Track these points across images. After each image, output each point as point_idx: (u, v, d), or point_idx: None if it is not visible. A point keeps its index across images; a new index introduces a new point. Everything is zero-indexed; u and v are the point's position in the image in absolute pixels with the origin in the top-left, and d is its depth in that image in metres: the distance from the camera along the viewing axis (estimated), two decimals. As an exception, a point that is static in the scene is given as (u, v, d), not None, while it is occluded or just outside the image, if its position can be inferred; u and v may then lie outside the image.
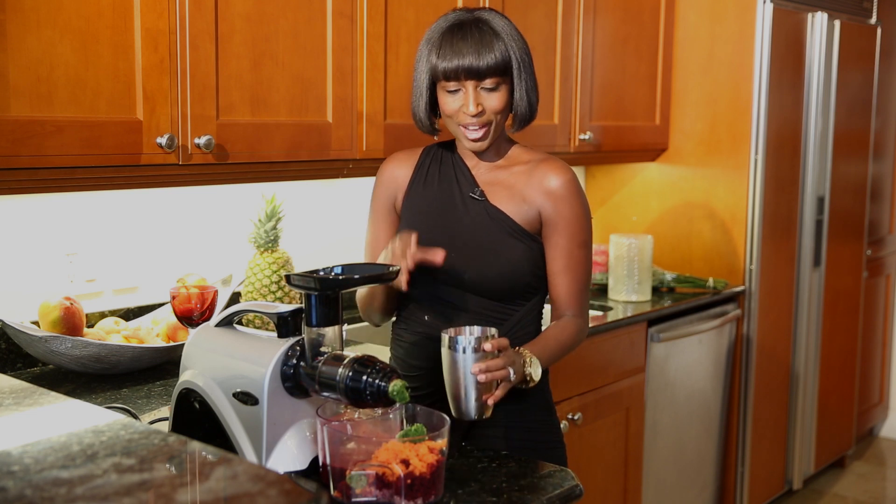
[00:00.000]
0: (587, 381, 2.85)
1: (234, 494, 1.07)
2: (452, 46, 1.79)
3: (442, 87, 1.83)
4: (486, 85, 1.80)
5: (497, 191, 1.89)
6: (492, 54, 1.78)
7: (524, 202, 1.88)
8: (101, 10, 1.92)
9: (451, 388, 1.64)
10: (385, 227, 1.98)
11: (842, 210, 4.03)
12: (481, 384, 1.62)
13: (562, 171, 1.88)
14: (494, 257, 1.85)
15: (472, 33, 1.80)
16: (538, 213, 1.88)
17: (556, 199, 1.87)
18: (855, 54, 3.98)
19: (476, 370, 1.61)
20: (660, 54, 3.56)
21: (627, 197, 3.79)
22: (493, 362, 1.62)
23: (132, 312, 2.40)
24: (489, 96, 1.81)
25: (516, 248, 1.86)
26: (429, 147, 1.99)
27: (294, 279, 1.47)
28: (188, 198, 2.52)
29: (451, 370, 1.63)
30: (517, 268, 1.86)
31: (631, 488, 3.09)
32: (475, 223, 1.88)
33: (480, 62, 1.78)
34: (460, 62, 1.78)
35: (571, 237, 1.88)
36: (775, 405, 3.76)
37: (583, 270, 1.90)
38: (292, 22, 2.26)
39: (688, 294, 3.36)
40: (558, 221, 1.87)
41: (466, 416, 1.64)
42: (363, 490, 1.35)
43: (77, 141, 1.90)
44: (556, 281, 1.89)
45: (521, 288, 1.88)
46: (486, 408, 1.64)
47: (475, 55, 1.78)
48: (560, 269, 1.88)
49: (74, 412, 1.36)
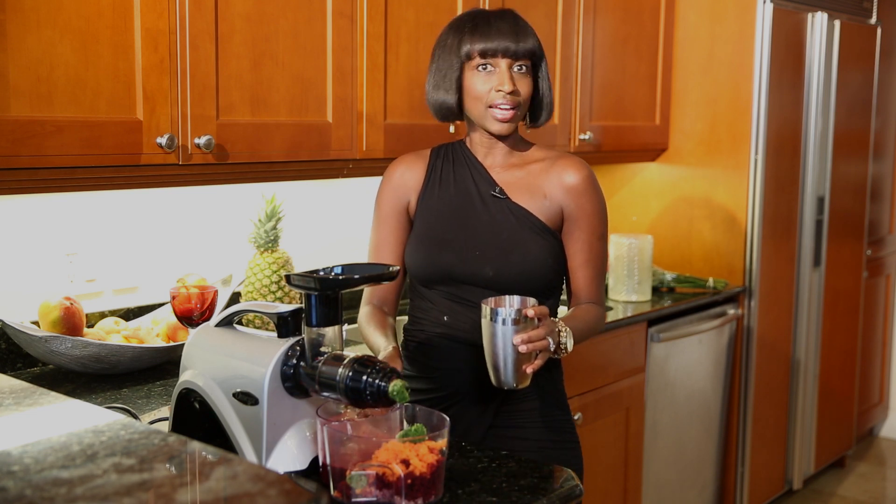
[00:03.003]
0: (587, 381, 2.85)
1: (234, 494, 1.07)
2: (490, 26, 1.83)
3: (472, 67, 1.84)
4: (519, 66, 1.83)
5: (517, 188, 1.90)
6: (528, 39, 1.84)
7: (545, 198, 1.89)
8: (101, 10, 1.92)
9: (491, 359, 1.66)
10: (392, 231, 1.96)
11: (842, 210, 4.03)
12: (522, 354, 1.63)
13: (580, 166, 1.91)
14: (517, 254, 1.86)
15: (506, 18, 1.85)
16: (560, 209, 1.90)
17: (577, 194, 1.89)
18: (855, 54, 3.98)
19: (518, 340, 1.62)
20: (660, 54, 3.56)
21: (627, 197, 3.79)
22: (535, 333, 1.63)
23: (132, 312, 2.40)
24: (521, 79, 1.84)
25: (539, 244, 1.87)
26: (437, 148, 1.99)
27: (294, 279, 1.47)
28: (188, 198, 2.52)
29: (491, 341, 1.65)
30: (540, 264, 1.86)
31: (631, 488, 3.09)
32: (496, 221, 1.88)
33: (518, 42, 1.82)
34: (500, 40, 1.82)
35: (592, 230, 1.90)
36: (775, 405, 3.76)
37: (601, 262, 1.94)
38: (292, 22, 2.26)
39: (688, 294, 3.36)
40: (580, 216, 1.89)
41: (506, 385, 1.67)
42: (363, 490, 1.35)
43: (77, 141, 1.90)
44: (577, 274, 1.92)
45: (542, 285, 1.88)
46: (525, 377, 1.66)
47: (514, 35, 1.82)
48: (582, 263, 1.91)
49: (74, 412, 1.36)
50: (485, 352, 1.67)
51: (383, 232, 1.97)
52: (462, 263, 1.86)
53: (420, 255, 1.90)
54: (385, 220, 1.97)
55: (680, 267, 3.64)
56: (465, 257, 1.86)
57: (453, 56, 1.85)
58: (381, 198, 1.99)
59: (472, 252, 1.86)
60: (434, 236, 1.90)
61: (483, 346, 1.68)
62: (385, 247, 1.97)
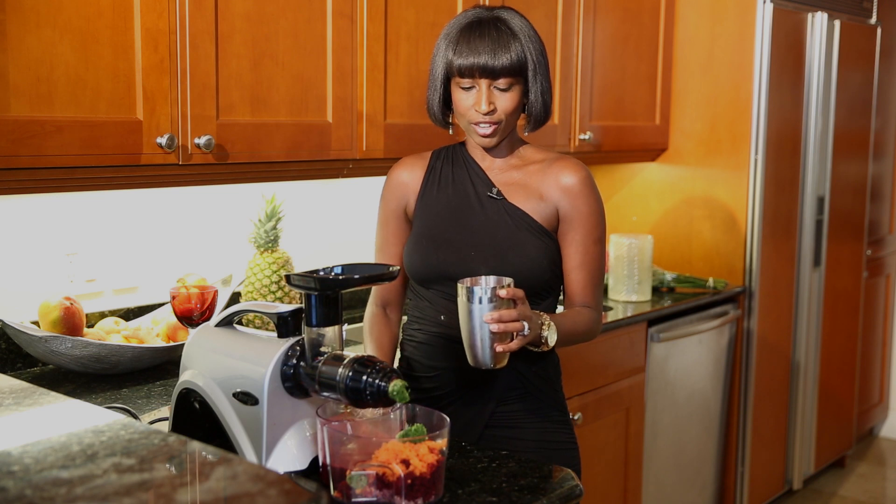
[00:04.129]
0: (587, 381, 2.85)
1: (234, 494, 1.07)
2: (469, 44, 1.81)
3: (456, 83, 1.84)
4: (499, 85, 1.81)
5: (514, 189, 1.91)
6: (507, 55, 1.80)
7: (541, 199, 1.89)
8: (101, 10, 1.92)
9: (468, 338, 1.66)
10: (393, 232, 1.99)
11: (842, 210, 4.03)
12: (495, 334, 1.63)
13: (577, 168, 1.91)
14: (514, 255, 1.86)
15: (489, 32, 1.81)
16: (556, 210, 1.89)
17: (573, 195, 1.89)
18: (855, 54, 3.98)
19: (489, 318, 1.62)
20: (660, 54, 3.56)
21: (627, 197, 3.79)
22: (507, 313, 1.63)
23: (132, 312, 2.40)
24: (501, 96, 1.83)
25: (535, 244, 1.87)
26: (438, 150, 2.00)
27: (294, 279, 1.47)
28: (188, 198, 2.52)
29: (467, 320, 1.65)
30: (536, 264, 1.87)
31: (631, 488, 3.09)
32: (493, 222, 1.88)
33: (496, 62, 1.79)
34: (476, 60, 1.79)
35: (588, 233, 1.90)
36: (775, 405, 3.76)
37: (597, 266, 1.93)
38: (292, 22, 2.26)
39: (688, 294, 3.36)
40: (575, 218, 1.89)
41: (483, 364, 1.67)
42: (363, 490, 1.35)
43: (77, 141, 1.90)
44: (571, 276, 1.91)
45: (539, 285, 1.88)
46: (501, 357, 1.66)
47: (491, 54, 1.79)
48: (576, 265, 1.90)
49: (74, 412, 1.36)
50: (461, 332, 1.68)
51: (385, 233, 2.00)
52: (458, 264, 1.87)
53: (417, 255, 1.91)
54: (386, 221, 1.99)
55: (680, 267, 3.64)
56: (461, 258, 1.87)
57: (441, 69, 1.87)
58: (383, 200, 2.01)
59: (469, 252, 1.87)
60: (431, 236, 1.91)
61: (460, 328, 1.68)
62: (387, 248, 1.99)
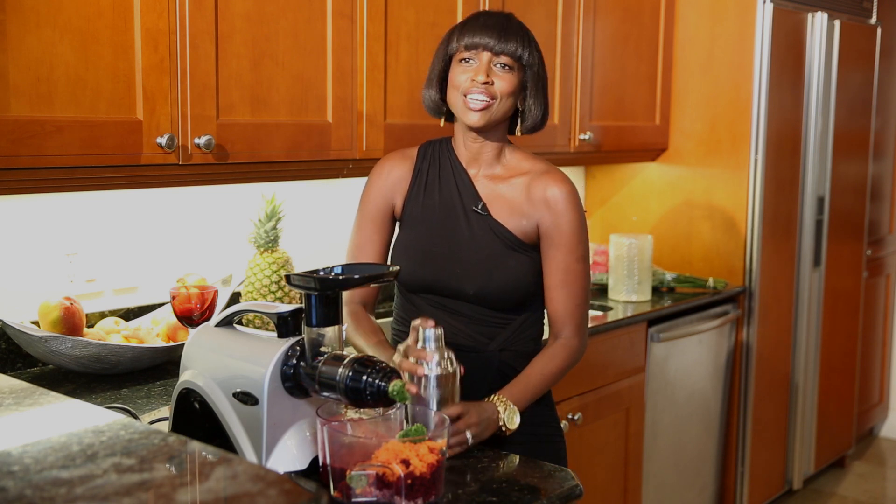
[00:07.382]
0: (587, 381, 2.85)
1: (234, 494, 1.07)
2: (478, 22, 1.85)
3: (457, 60, 1.85)
4: (500, 61, 1.83)
5: (499, 205, 1.89)
6: (514, 39, 1.83)
7: (523, 217, 1.88)
8: (101, 10, 1.92)
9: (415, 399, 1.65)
10: (377, 231, 1.96)
11: (842, 210, 4.03)
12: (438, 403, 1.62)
13: (562, 183, 1.88)
14: (497, 271, 1.85)
15: (499, 19, 1.86)
16: (536, 226, 1.87)
17: (555, 212, 1.86)
18: (855, 54, 3.98)
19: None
20: (660, 54, 3.56)
21: (627, 197, 3.79)
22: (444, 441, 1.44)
23: (132, 312, 2.40)
24: (501, 74, 1.83)
25: (519, 260, 1.86)
26: (424, 147, 1.98)
27: (294, 279, 1.47)
28: (188, 198, 2.52)
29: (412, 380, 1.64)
30: (520, 280, 1.86)
31: (631, 488, 3.09)
32: (477, 237, 1.88)
33: (501, 39, 1.82)
34: (483, 35, 1.82)
35: (570, 251, 1.86)
36: (775, 405, 3.76)
37: (580, 285, 1.88)
38: (292, 22, 2.26)
39: (688, 294, 3.36)
40: (555, 234, 1.86)
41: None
42: (363, 490, 1.35)
43: (77, 141, 1.90)
44: (552, 295, 1.88)
45: (524, 297, 1.89)
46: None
47: (498, 33, 1.82)
48: (557, 284, 1.87)
49: (74, 412, 1.36)
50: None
51: (367, 231, 1.97)
52: (445, 279, 1.87)
53: (404, 266, 1.89)
54: (370, 219, 1.97)
55: (680, 267, 3.64)
56: (448, 273, 1.87)
57: (444, 51, 1.89)
58: (367, 197, 1.99)
59: (454, 269, 1.86)
60: (418, 247, 1.90)
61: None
62: (368, 246, 1.96)
